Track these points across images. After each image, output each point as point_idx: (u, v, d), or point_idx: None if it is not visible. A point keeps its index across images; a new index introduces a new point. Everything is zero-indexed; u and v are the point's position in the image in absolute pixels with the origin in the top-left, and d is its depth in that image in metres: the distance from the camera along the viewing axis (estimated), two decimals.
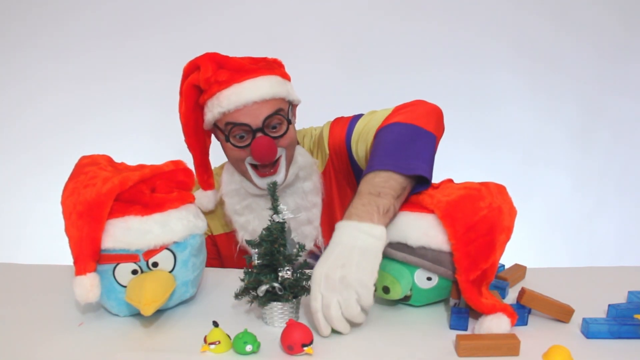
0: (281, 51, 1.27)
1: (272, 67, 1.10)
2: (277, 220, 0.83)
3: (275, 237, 0.82)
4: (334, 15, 2.06)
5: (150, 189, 0.87)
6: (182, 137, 2.09)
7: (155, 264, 0.84)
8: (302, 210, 1.16)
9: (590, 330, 0.81)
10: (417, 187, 0.91)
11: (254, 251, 0.84)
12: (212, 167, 1.21)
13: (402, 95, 2.14)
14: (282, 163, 1.10)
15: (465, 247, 0.81)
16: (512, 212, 0.90)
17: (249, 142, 1.06)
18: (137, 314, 0.88)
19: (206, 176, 1.18)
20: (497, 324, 0.80)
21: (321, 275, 0.78)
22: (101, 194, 0.79)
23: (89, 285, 0.79)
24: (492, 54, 2.15)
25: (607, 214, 2.36)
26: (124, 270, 0.83)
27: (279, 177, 1.10)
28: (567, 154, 2.29)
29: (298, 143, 1.23)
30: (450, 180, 0.97)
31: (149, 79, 2.09)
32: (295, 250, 0.84)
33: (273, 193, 0.84)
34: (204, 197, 1.18)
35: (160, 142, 2.11)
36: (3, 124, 2.14)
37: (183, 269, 0.87)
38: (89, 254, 0.80)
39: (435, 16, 2.10)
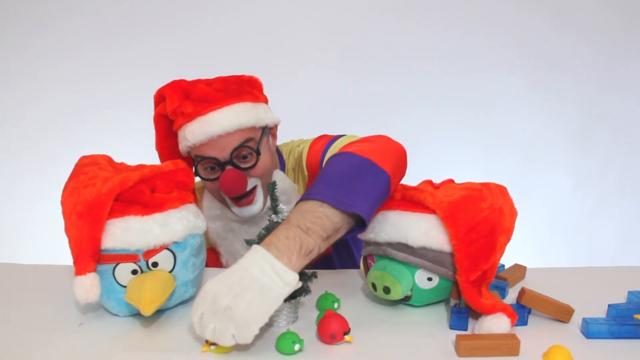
0: (281, 52, 1.27)
1: (242, 90, 1.05)
2: (276, 220, 0.83)
3: None
4: (334, 16, 2.06)
5: (150, 189, 0.87)
6: None
7: (155, 264, 0.84)
8: None
9: (590, 330, 0.81)
10: (354, 230, 0.82)
11: None
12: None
13: (402, 95, 2.15)
14: (259, 192, 1.07)
15: (466, 248, 0.81)
16: (513, 213, 0.90)
17: (218, 175, 1.03)
18: (137, 314, 0.88)
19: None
20: (497, 324, 0.80)
21: (209, 293, 0.70)
22: (101, 194, 0.79)
23: (89, 285, 0.79)
24: (492, 54, 2.15)
25: (607, 214, 2.36)
26: (123, 270, 0.83)
27: (256, 207, 1.07)
28: (567, 154, 2.29)
29: (283, 159, 1.19)
30: (451, 181, 0.97)
31: (148, 79, 2.09)
32: None
33: (272, 193, 0.84)
34: None
35: None
36: (3, 124, 2.14)
37: (183, 269, 0.87)
38: (89, 254, 0.80)
39: (435, 17, 2.10)
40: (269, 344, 0.77)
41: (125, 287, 0.83)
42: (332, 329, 0.77)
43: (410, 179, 1.38)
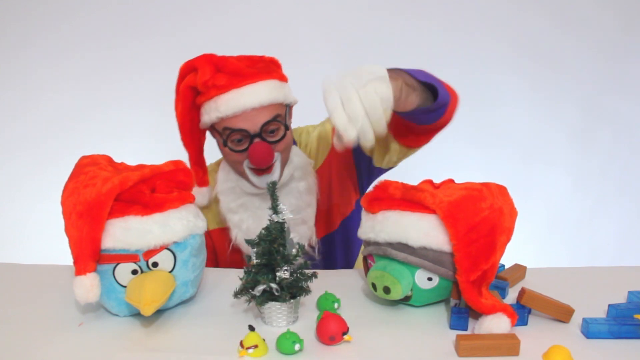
0: (281, 50, 1.28)
1: (270, 69, 1.09)
2: (277, 220, 0.83)
3: (274, 237, 0.82)
4: (334, 14, 2.06)
5: (150, 189, 0.87)
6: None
7: (155, 264, 0.84)
8: (298, 210, 1.16)
9: (590, 330, 0.81)
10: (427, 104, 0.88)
11: (252, 250, 0.84)
12: (207, 164, 1.22)
13: None
14: (277, 165, 1.11)
15: (466, 248, 0.81)
16: (513, 213, 0.90)
17: (246, 147, 1.06)
18: (137, 314, 0.88)
19: (201, 173, 1.19)
20: (497, 324, 0.80)
21: (332, 80, 0.74)
22: (101, 194, 0.79)
23: (89, 285, 0.79)
24: (492, 54, 2.15)
25: (607, 214, 2.36)
26: (124, 270, 0.83)
27: (273, 176, 1.11)
28: (567, 154, 2.29)
29: (295, 143, 1.24)
30: (452, 181, 0.97)
31: (149, 79, 2.09)
32: (294, 250, 0.84)
33: (273, 193, 0.84)
34: (198, 194, 1.17)
35: (160, 142, 2.11)
36: (3, 124, 2.14)
37: (183, 269, 0.87)
38: (89, 254, 0.80)
39: (435, 16, 2.10)
40: (269, 344, 0.77)
41: (125, 287, 0.83)
42: (330, 330, 0.77)
43: (410, 179, 1.38)
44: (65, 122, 2.13)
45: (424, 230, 0.85)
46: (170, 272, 0.86)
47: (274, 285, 0.81)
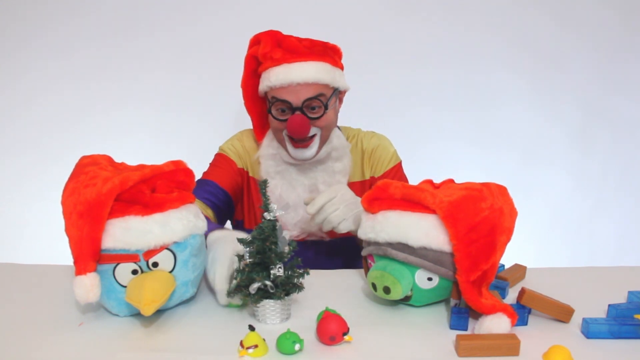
0: None
1: (325, 53, 1.19)
2: (269, 218, 0.83)
3: (267, 235, 0.82)
4: (333, 13, 2.05)
5: (151, 189, 0.87)
6: (183, 137, 2.10)
7: (155, 264, 0.84)
8: (327, 187, 1.24)
9: (590, 330, 0.81)
10: None
11: (245, 250, 0.84)
12: (249, 129, 1.35)
13: (402, 94, 2.14)
14: (316, 140, 1.20)
15: (466, 248, 0.81)
16: (513, 213, 0.90)
17: (287, 117, 1.16)
18: (137, 314, 0.88)
19: (262, 134, 1.30)
20: (497, 324, 0.80)
21: (339, 191, 1.11)
22: (101, 194, 0.79)
23: (89, 285, 0.79)
24: (492, 53, 2.15)
25: (607, 214, 2.35)
26: (124, 270, 0.83)
27: (310, 152, 1.20)
28: (567, 154, 2.28)
29: (340, 129, 1.32)
30: (452, 181, 0.97)
31: (149, 79, 2.09)
32: (287, 248, 0.84)
33: (264, 192, 0.84)
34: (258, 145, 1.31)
35: (160, 142, 2.11)
36: (3, 123, 2.14)
37: (183, 269, 0.87)
38: (89, 253, 0.80)
39: (434, 15, 2.10)
40: (269, 344, 0.77)
41: (125, 287, 0.83)
42: (330, 330, 0.77)
43: (411, 179, 1.38)
44: (65, 122, 2.12)
45: (424, 230, 0.85)
46: (171, 272, 0.86)
47: (268, 283, 0.81)
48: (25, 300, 0.95)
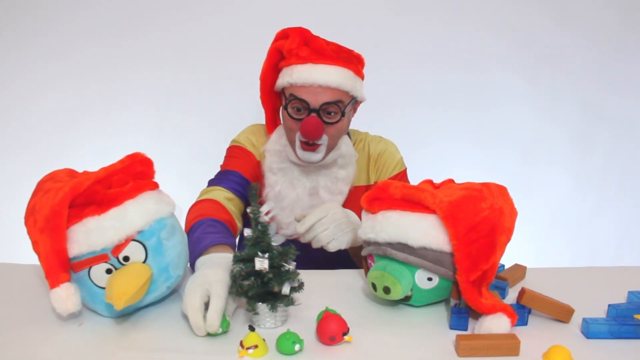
0: None
1: (350, 60, 1.20)
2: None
3: (257, 235, 0.81)
4: (333, 13, 2.05)
5: (107, 188, 0.86)
6: (181, 135, 2.09)
7: (126, 258, 0.84)
8: (330, 193, 1.26)
9: (590, 330, 0.81)
10: None
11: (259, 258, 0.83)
12: (258, 124, 1.36)
13: (402, 94, 2.14)
14: (323, 147, 1.19)
15: (466, 248, 0.81)
16: (513, 213, 0.90)
17: (302, 117, 1.16)
18: (136, 314, 0.88)
19: (274, 128, 1.30)
20: (497, 324, 0.80)
21: (330, 210, 1.06)
22: (55, 205, 0.79)
23: (64, 296, 0.79)
24: (492, 53, 2.15)
25: (607, 214, 2.36)
26: (98, 272, 0.83)
27: (318, 156, 1.20)
28: (567, 154, 2.28)
29: (349, 136, 1.33)
30: (452, 181, 0.97)
31: (149, 78, 2.09)
32: (278, 239, 0.83)
33: (254, 197, 0.82)
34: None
35: (160, 142, 2.11)
36: (3, 123, 2.14)
37: (156, 255, 0.86)
38: (58, 265, 0.80)
39: (434, 15, 2.10)
40: (269, 344, 0.77)
41: (105, 288, 0.83)
42: (330, 330, 0.77)
43: (411, 179, 1.38)
44: (65, 122, 2.12)
45: (424, 230, 0.85)
46: (145, 262, 0.85)
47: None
48: (25, 300, 0.95)
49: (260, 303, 0.83)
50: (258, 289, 0.81)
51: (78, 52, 2.08)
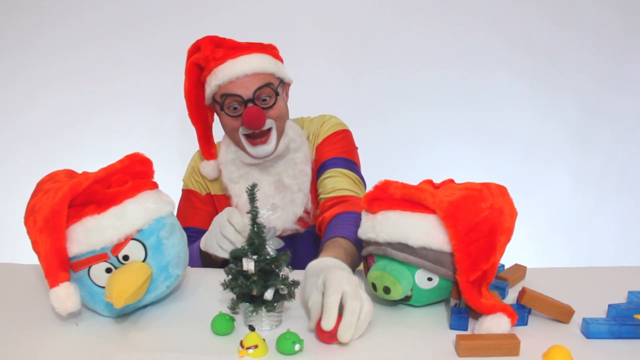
0: (280, 49, 1.29)
1: (264, 48, 1.22)
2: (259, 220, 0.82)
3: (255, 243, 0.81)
4: (333, 12, 2.05)
5: (106, 188, 0.86)
6: (181, 135, 2.10)
7: (126, 257, 0.84)
8: (295, 178, 1.25)
9: (590, 330, 0.81)
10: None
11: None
12: (216, 141, 1.33)
13: (402, 94, 2.14)
14: (273, 134, 1.20)
15: (466, 248, 0.81)
16: (513, 213, 0.90)
17: (241, 112, 1.17)
18: (136, 313, 0.88)
19: (208, 147, 1.31)
20: (497, 324, 0.80)
21: (352, 283, 0.80)
22: (54, 204, 0.79)
23: (64, 296, 0.79)
24: (492, 53, 2.15)
25: (607, 214, 2.36)
26: (98, 272, 0.83)
27: (269, 147, 1.20)
28: (567, 154, 2.28)
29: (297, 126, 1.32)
30: (452, 181, 0.97)
31: (148, 78, 2.09)
32: (272, 247, 0.82)
33: (252, 198, 0.82)
34: (207, 167, 1.30)
35: (160, 142, 2.11)
36: (3, 123, 2.14)
37: (156, 254, 0.86)
38: (58, 264, 0.80)
39: (434, 15, 2.10)
40: (269, 344, 0.77)
41: (104, 287, 0.83)
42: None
43: (411, 179, 1.38)
44: (65, 122, 2.13)
45: (424, 230, 0.85)
46: (144, 261, 0.85)
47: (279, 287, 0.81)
48: (25, 300, 0.95)
49: (242, 303, 0.82)
50: (243, 289, 0.81)
51: (78, 52, 2.08)
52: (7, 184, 2.14)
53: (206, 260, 1.17)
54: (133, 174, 0.90)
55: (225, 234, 1.04)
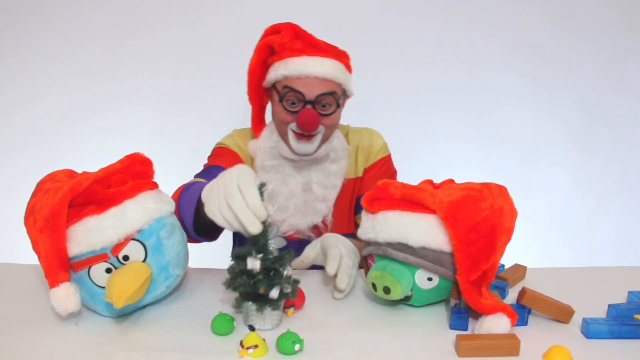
0: None
1: (340, 55, 1.22)
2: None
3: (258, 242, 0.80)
4: (333, 13, 2.05)
5: (106, 188, 0.86)
6: (183, 135, 2.09)
7: (126, 258, 0.84)
8: (323, 187, 1.26)
9: (590, 330, 0.81)
10: None
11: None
12: (241, 128, 1.36)
13: (401, 94, 2.14)
14: (319, 137, 1.19)
15: (466, 248, 0.81)
16: (513, 213, 0.90)
17: (297, 109, 1.16)
18: (135, 313, 0.88)
19: (260, 127, 1.30)
20: (497, 324, 0.80)
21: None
22: (54, 204, 0.79)
23: (64, 296, 0.79)
24: (492, 53, 2.15)
25: (607, 214, 2.36)
26: (98, 272, 0.83)
27: (312, 147, 1.19)
28: (567, 154, 2.28)
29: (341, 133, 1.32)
30: (452, 181, 0.97)
31: (149, 78, 2.09)
32: (274, 245, 0.82)
33: (262, 196, 0.81)
34: (254, 144, 1.29)
35: (160, 142, 2.11)
36: (3, 123, 2.14)
37: (156, 254, 0.86)
38: (58, 264, 0.80)
39: (434, 14, 2.10)
40: (269, 343, 0.77)
41: (104, 287, 0.83)
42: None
43: (411, 179, 1.38)
44: (65, 122, 2.13)
45: (424, 230, 0.85)
46: (144, 261, 0.85)
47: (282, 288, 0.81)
48: (25, 300, 0.95)
49: (246, 302, 0.82)
50: (247, 288, 0.81)
51: (78, 52, 2.08)
52: (7, 184, 2.14)
53: (201, 215, 0.89)
54: (133, 174, 0.90)
55: (231, 204, 0.77)
